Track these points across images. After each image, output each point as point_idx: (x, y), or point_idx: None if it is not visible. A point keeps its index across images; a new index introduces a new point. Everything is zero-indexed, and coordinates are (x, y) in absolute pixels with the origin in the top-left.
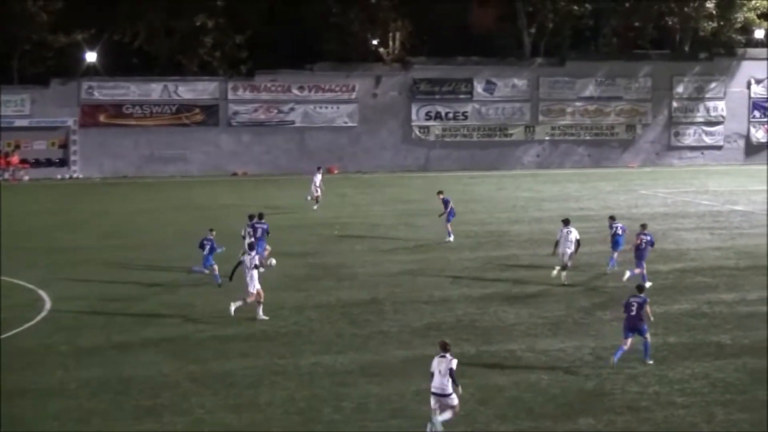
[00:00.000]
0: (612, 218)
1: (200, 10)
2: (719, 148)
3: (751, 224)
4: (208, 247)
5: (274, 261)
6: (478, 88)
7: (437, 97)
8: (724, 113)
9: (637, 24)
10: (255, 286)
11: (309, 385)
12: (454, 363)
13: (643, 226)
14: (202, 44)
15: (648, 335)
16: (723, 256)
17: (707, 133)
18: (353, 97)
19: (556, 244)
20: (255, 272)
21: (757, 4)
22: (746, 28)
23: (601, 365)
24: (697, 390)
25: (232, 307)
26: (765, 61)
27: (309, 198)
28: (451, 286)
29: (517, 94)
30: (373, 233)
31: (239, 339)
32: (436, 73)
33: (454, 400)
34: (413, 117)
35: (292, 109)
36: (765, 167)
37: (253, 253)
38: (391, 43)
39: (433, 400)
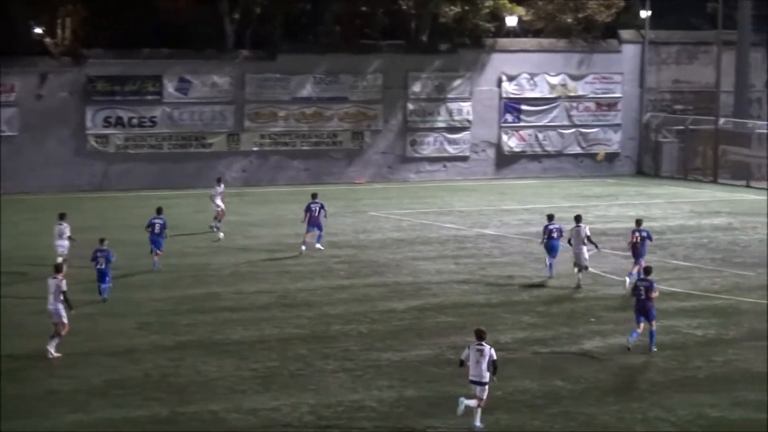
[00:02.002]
0: (550, 217)
1: None
2: (465, 159)
3: (503, 251)
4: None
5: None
6: (170, 87)
7: (118, 98)
8: (471, 117)
9: (364, 9)
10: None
11: None
12: (493, 352)
13: (638, 222)
14: None
15: (655, 323)
16: (471, 290)
17: (450, 142)
18: (11, 99)
19: (569, 242)
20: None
21: None
22: (496, 15)
23: (323, 426)
24: None
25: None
26: (519, 54)
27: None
28: (137, 333)
29: (218, 94)
30: (43, 271)
31: None
32: (116, 69)
33: (485, 390)
34: (88, 124)
35: None
36: (519, 182)
37: (59, 276)
38: (59, 31)
39: (475, 388)
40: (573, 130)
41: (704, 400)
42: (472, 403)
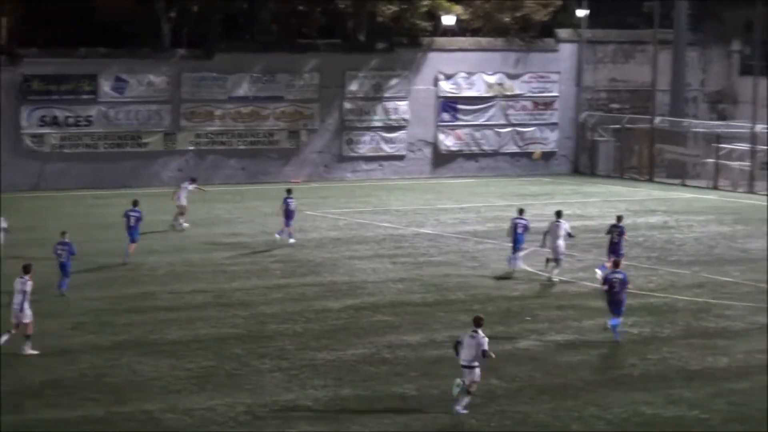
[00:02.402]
0: (520, 211)
1: None
2: (401, 158)
3: (439, 250)
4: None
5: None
6: (105, 86)
7: (54, 97)
8: (408, 116)
9: (301, 8)
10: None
11: None
12: (486, 341)
13: (619, 218)
14: None
15: (622, 318)
16: (407, 289)
17: (387, 141)
18: None
19: (545, 236)
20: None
21: None
22: (433, 14)
23: (259, 425)
24: None
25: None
26: (456, 53)
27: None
28: (72, 333)
29: (154, 93)
30: None
31: None
32: (51, 69)
33: (477, 372)
34: (23, 123)
35: None
36: (456, 180)
37: (27, 276)
38: None
39: (465, 373)
40: (510, 129)
41: (639, 398)
42: (460, 381)
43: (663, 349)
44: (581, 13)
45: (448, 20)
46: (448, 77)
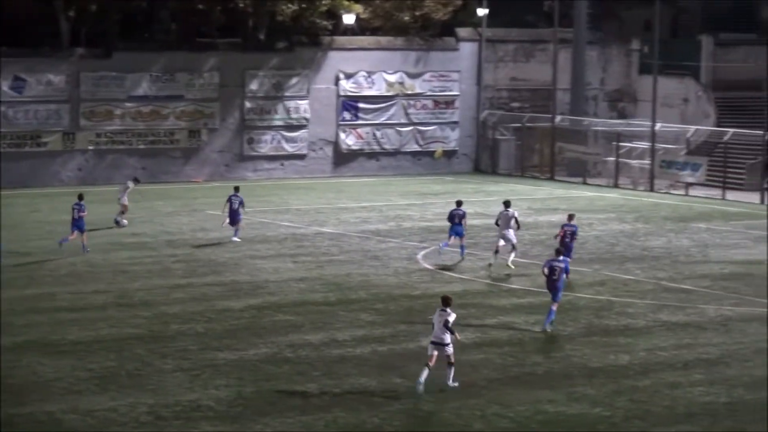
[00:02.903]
0: (458, 203)
1: None
2: (302, 157)
3: (341, 249)
4: None
5: None
6: (4, 86)
7: None
8: (308, 115)
9: (201, 7)
10: None
11: None
12: (452, 317)
13: (570, 217)
14: None
15: (557, 305)
16: (308, 288)
17: (288, 140)
18: None
19: (497, 224)
20: None
21: None
22: (333, 13)
23: (162, 426)
24: None
25: None
26: (356, 52)
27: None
28: None
29: (53, 93)
30: None
31: None
32: None
33: (450, 349)
34: None
35: None
36: (357, 179)
37: None
38: None
39: (430, 348)
40: (411, 128)
41: (542, 396)
42: (424, 375)
43: (565, 347)
44: (481, 12)
45: (348, 19)
46: (349, 76)
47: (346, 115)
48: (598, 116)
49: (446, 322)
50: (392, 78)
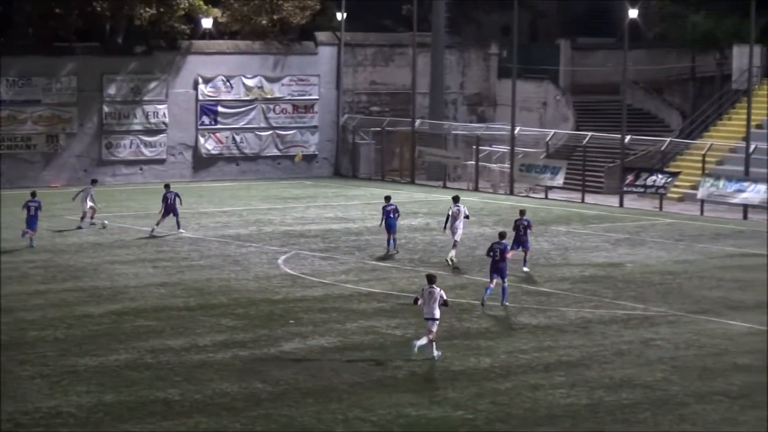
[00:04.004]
0: (387, 198)
1: None
2: (162, 162)
3: (201, 254)
4: None
5: None
6: None
7: None
8: (167, 120)
9: (58, 11)
10: None
11: None
12: (443, 294)
13: (522, 212)
14: None
15: (507, 281)
16: (169, 293)
17: (147, 144)
18: None
19: (447, 219)
20: None
21: None
22: (191, 17)
23: None
24: None
25: None
26: (215, 56)
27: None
28: None
29: None
30: None
31: None
32: None
33: (436, 325)
34: None
35: None
36: (217, 184)
37: None
38: None
39: (427, 323)
40: (270, 132)
41: (404, 400)
42: (423, 341)
43: (427, 351)
44: (340, 16)
45: (207, 23)
46: (208, 80)
47: (205, 119)
48: (457, 120)
49: (442, 299)
50: (251, 82)
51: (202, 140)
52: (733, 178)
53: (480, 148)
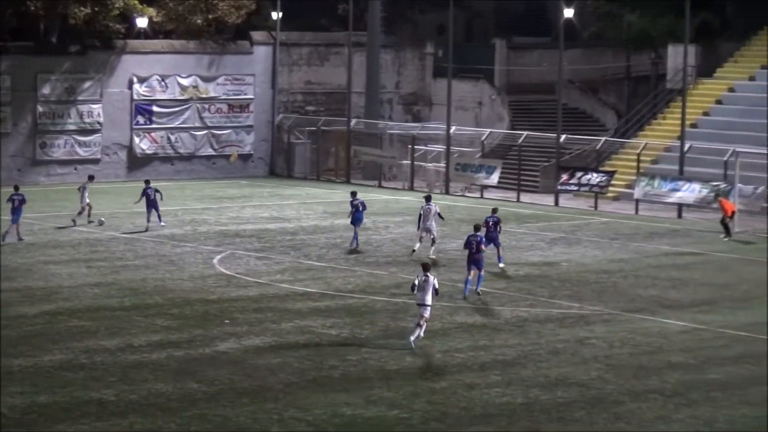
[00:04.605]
0: (353, 194)
1: None
2: (96, 161)
3: (136, 254)
4: None
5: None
6: None
7: None
8: (102, 119)
9: None
10: None
11: None
12: (436, 282)
13: (494, 210)
14: None
15: (483, 271)
16: (103, 293)
17: (81, 144)
18: None
19: (419, 218)
20: None
21: None
22: (126, 16)
23: None
24: None
25: None
26: (150, 56)
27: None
28: None
29: None
30: None
31: None
32: None
33: (428, 311)
34: None
35: None
36: (153, 184)
37: None
38: None
39: (419, 309)
40: (205, 131)
41: (339, 399)
42: (415, 334)
43: (362, 350)
44: (275, 15)
45: (141, 23)
46: (142, 80)
47: (140, 119)
48: (393, 119)
49: (435, 288)
50: (186, 82)
51: (136, 140)
52: (668, 178)
53: (415, 147)
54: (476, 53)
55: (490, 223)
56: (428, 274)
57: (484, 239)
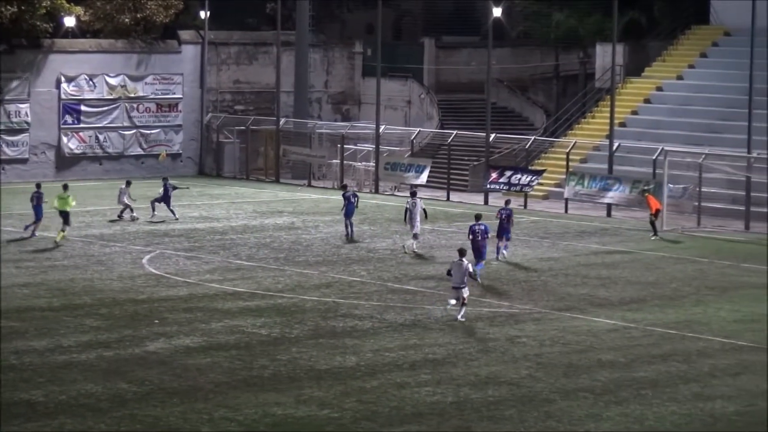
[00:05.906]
0: (344, 187)
1: None
2: (24, 161)
3: (64, 254)
4: None
5: None
6: None
7: None
8: (29, 119)
9: None
10: None
11: None
12: (470, 267)
13: (507, 202)
14: None
15: (484, 262)
16: (32, 294)
17: (9, 144)
18: None
19: (405, 213)
20: None
21: None
22: (53, 15)
23: None
24: None
25: None
26: (78, 55)
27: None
28: None
29: None
30: None
31: None
32: None
33: (466, 291)
34: None
35: None
36: (80, 183)
37: None
38: None
39: (453, 292)
40: (134, 131)
41: (270, 399)
42: (453, 302)
43: (292, 350)
44: (203, 14)
45: (69, 21)
46: (70, 79)
47: (68, 118)
48: (322, 119)
49: (469, 272)
50: (114, 81)
51: (65, 139)
52: (597, 177)
53: (345, 146)
54: (405, 52)
55: (503, 215)
56: (463, 259)
57: (488, 228)
